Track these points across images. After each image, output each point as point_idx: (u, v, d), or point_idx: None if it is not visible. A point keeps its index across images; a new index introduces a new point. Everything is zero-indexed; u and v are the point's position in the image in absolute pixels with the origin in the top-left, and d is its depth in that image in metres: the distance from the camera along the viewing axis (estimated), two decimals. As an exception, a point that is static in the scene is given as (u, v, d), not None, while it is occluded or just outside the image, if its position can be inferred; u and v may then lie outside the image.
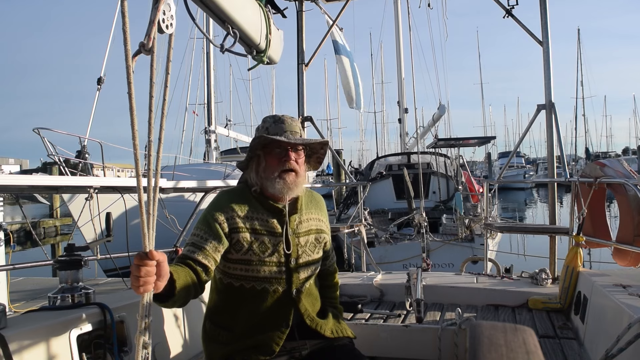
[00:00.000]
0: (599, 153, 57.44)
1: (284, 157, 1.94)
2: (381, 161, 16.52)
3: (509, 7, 4.62)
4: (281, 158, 1.94)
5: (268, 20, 3.13)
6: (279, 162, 1.94)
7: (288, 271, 1.94)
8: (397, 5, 19.07)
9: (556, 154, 4.33)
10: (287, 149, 1.95)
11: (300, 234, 2.00)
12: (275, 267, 1.92)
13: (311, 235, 2.05)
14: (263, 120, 2.03)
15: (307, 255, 2.01)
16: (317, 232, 2.08)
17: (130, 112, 1.15)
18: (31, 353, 1.75)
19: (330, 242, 2.19)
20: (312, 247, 2.04)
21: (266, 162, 1.95)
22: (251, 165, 2.00)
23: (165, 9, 1.30)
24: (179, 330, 2.58)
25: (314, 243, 2.05)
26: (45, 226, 21.81)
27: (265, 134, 1.94)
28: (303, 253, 1.99)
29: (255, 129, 2.06)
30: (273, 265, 1.91)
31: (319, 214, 2.14)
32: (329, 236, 2.17)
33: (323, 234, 2.11)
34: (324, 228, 2.13)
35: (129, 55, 1.15)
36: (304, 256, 1.99)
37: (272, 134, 1.94)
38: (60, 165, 9.57)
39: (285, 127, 1.96)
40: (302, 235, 2.01)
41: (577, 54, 55.88)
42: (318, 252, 2.07)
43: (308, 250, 2.01)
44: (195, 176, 11.71)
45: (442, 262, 8.67)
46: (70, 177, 6.03)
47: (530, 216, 25.70)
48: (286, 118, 2.01)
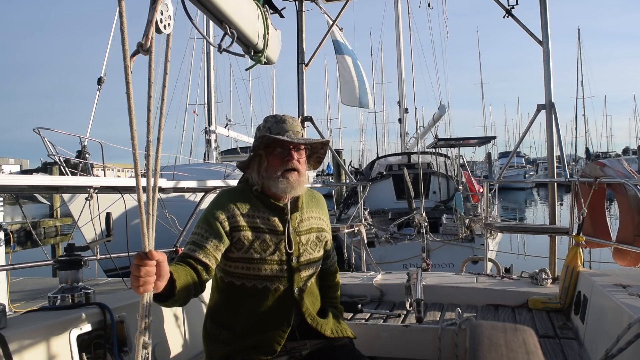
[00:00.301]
0: (599, 153, 57.42)
1: (287, 157, 1.95)
2: (381, 161, 16.52)
3: (509, 7, 4.63)
4: (284, 157, 1.95)
5: (266, 20, 3.13)
6: (282, 162, 1.94)
7: (289, 269, 1.94)
8: (397, 5, 19.09)
9: (556, 154, 4.33)
10: (290, 149, 1.96)
11: (301, 232, 2.00)
12: (276, 266, 1.92)
13: (312, 233, 2.05)
14: (265, 120, 2.03)
15: (309, 254, 2.01)
16: (318, 231, 2.08)
17: (128, 112, 1.15)
18: (31, 353, 1.75)
19: (331, 241, 2.20)
20: (314, 245, 2.04)
21: (268, 162, 1.95)
22: (252, 165, 2.00)
23: (163, 9, 1.30)
24: (179, 330, 2.58)
25: (315, 241, 2.05)
26: (46, 226, 21.82)
27: (267, 133, 1.95)
28: (304, 251, 1.99)
29: (256, 129, 2.06)
30: (274, 263, 1.91)
31: (320, 212, 2.14)
32: (330, 235, 2.18)
33: (324, 232, 2.11)
34: (324, 227, 2.13)
35: (127, 55, 1.15)
36: (305, 254, 1.99)
37: (274, 134, 1.94)
38: (61, 165, 9.58)
39: (287, 127, 1.96)
40: (303, 234, 2.01)
41: (577, 53, 55.98)
42: (319, 250, 2.07)
43: (309, 249, 2.02)
44: (195, 176, 11.72)
45: (443, 262, 8.67)
46: (70, 177, 6.03)
47: (530, 216, 25.71)
48: (287, 118, 2.01)
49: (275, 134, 1.94)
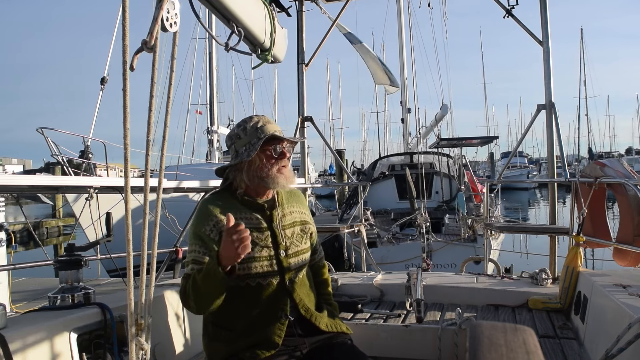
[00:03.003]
0: (602, 153, 57.28)
1: (281, 154, 2.03)
2: (384, 161, 16.54)
3: (509, 7, 4.62)
4: (278, 155, 2.02)
5: (272, 18, 3.12)
6: (276, 159, 2.02)
7: (279, 263, 1.98)
8: (399, 6, 19.13)
9: (556, 153, 4.33)
10: (284, 147, 2.04)
11: (285, 226, 2.06)
12: (266, 262, 1.96)
13: (296, 226, 2.11)
14: (249, 120, 2.05)
15: (296, 246, 2.06)
16: (302, 224, 2.14)
17: (123, 109, 1.16)
18: (31, 353, 1.75)
19: (316, 233, 2.24)
20: (299, 237, 2.09)
21: (261, 161, 2.00)
22: (240, 167, 2.03)
23: (169, 7, 1.30)
24: (179, 330, 2.59)
25: (300, 234, 2.10)
26: (48, 226, 21.89)
27: (260, 134, 1.99)
28: (291, 244, 2.04)
29: (239, 131, 2.05)
30: (264, 259, 1.95)
31: (301, 207, 2.20)
32: (314, 227, 2.23)
33: (308, 224, 2.17)
34: (307, 219, 2.19)
35: (126, 50, 1.14)
36: (292, 247, 2.04)
37: (267, 133, 1.99)
38: (64, 165, 9.60)
39: (274, 127, 2.04)
40: (287, 228, 2.06)
41: (580, 53, 55.74)
42: (305, 242, 2.13)
43: (296, 241, 2.07)
44: (197, 176, 11.72)
45: (445, 262, 8.65)
46: (70, 177, 6.04)
47: (533, 216, 25.71)
48: (268, 118, 2.09)
49: (270, 134, 1.99)
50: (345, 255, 6.53)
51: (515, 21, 4.59)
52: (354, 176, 20.51)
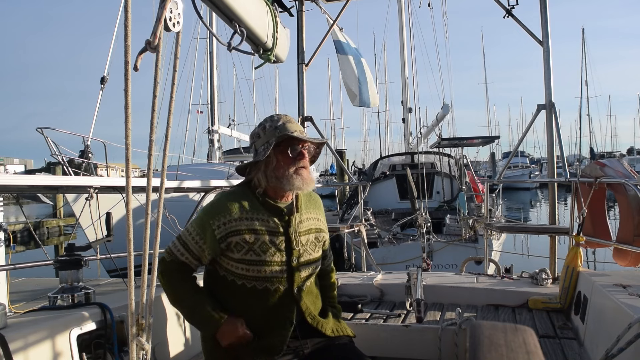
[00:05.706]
0: (604, 153, 57.19)
1: (299, 155, 1.98)
2: (385, 161, 16.51)
3: (509, 7, 4.61)
4: (296, 156, 1.97)
5: (275, 18, 3.12)
6: (294, 160, 1.96)
7: (290, 270, 1.94)
8: (400, 5, 19.13)
9: (556, 153, 4.33)
10: (302, 147, 1.99)
11: (301, 233, 2.01)
12: (277, 267, 1.92)
13: (311, 234, 2.06)
14: (270, 120, 2.02)
15: (308, 254, 2.01)
16: (317, 231, 2.09)
17: (125, 109, 1.15)
18: (31, 353, 1.76)
19: (329, 241, 2.21)
20: (313, 245, 2.05)
21: (278, 161, 1.96)
22: (259, 166, 1.99)
23: (173, 7, 1.30)
24: (179, 330, 2.59)
25: (314, 242, 2.06)
26: (49, 226, 21.91)
27: (277, 133, 1.95)
28: (304, 252, 2.00)
29: (259, 130, 2.02)
30: (275, 264, 1.91)
31: (318, 213, 2.15)
32: (328, 235, 2.19)
33: (322, 232, 2.13)
34: (322, 227, 2.14)
35: (128, 50, 1.14)
36: (305, 255, 2.00)
37: (284, 133, 1.95)
38: (64, 165, 9.60)
39: (295, 127, 1.99)
40: (302, 234, 2.01)
41: (582, 53, 55.58)
42: (318, 250, 2.08)
43: (309, 249, 2.02)
44: (198, 176, 11.72)
45: (446, 262, 8.63)
46: (70, 177, 6.03)
47: (534, 216, 25.69)
48: (291, 117, 2.04)
49: (285, 133, 1.94)
50: (345, 255, 6.53)
51: (515, 21, 4.58)
52: (355, 176, 20.48)
